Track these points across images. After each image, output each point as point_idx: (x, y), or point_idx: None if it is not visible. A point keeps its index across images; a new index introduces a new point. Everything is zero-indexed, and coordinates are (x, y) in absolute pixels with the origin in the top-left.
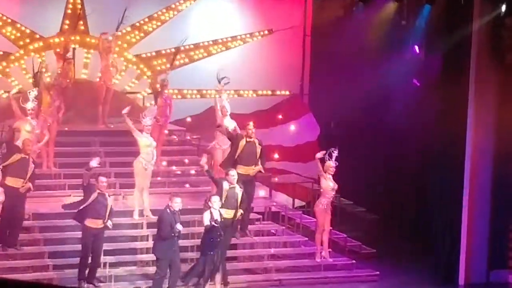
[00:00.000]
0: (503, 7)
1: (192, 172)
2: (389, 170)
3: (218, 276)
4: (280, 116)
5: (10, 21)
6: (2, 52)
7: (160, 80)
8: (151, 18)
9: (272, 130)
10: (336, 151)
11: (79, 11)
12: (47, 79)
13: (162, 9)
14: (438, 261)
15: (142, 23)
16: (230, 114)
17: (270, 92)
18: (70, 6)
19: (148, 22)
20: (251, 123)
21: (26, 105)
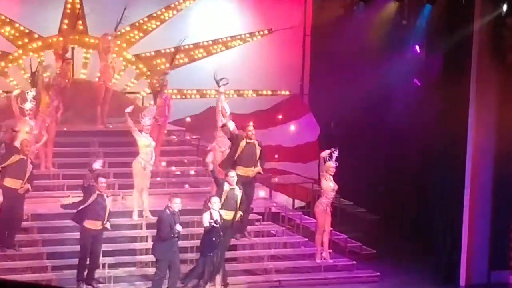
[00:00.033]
0: (504, 7)
1: (192, 172)
2: (389, 170)
3: (218, 277)
4: (280, 116)
5: (9, 20)
6: (1, 52)
7: (160, 80)
8: (150, 17)
9: (272, 130)
10: (337, 152)
11: (78, 10)
12: (46, 79)
13: (161, 8)
14: (439, 261)
15: (141, 22)
16: (230, 114)
17: (270, 92)
18: (69, 6)
19: (147, 22)
20: (251, 125)
21: (24, 105)
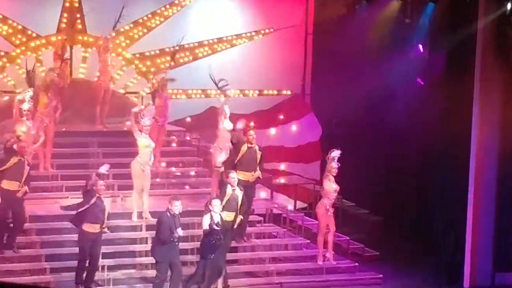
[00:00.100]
0: (508, 5)
1: (192, 173)
2: (392, 170)
3: (219, 280)
4: (282, 116)
5: (7, 19)
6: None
7: (160, 79)
8: (154, 14)
9: (273, 131)
10: (339, 152)
11: (77, 9)
12: (44, 79)
13: (166, 5)
14: (442, 263)
15: (145, 19)
16: (231, 115)
17: (275, 92)
18: (67, 5)
19: (151, 18)
20: (252, 130)
21: (22, 105)
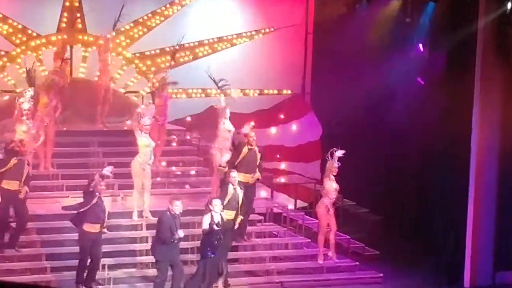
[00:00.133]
0: (509, 5)
1: (192, 172)
2: (393, 169)
3: (220, 279)
4: (282, 116)
5: (7, 18)
6: None
7: (160, 78)
8: (154, 13)
9: (273, 130)
10: (338, 151)
11: (77, 9)
12: (44, 78)
13: (166, 4)
14: (442, 262)
15: (145, 18)
16: (231, 114)
17: (271, 91)
18: (68, 4)
19: (151, 18)
20: (253, 132)
21: (22, 105)
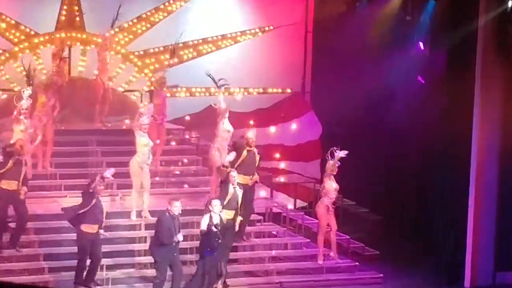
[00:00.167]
0: (509, 3)
1: (191, 172)
2: (393, 169)
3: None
4: (282, 115)
5: (4, 17)
6: None
7: (158, 77)
8: (157, 9)
9: (273, 129)
10: (338, 151)
11: (75, 7)
12: (43, 77)
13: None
14: (442, 262)
15: (149, 14)
16: (230, 113)
17: (270, 90)
18: (66, 2)
19: (154, 13)
20: (250, 131)
21: (20, 104)
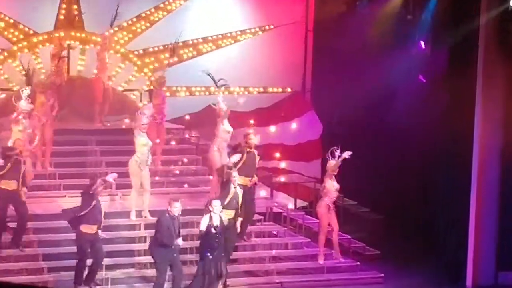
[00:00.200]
0: (511, 1)
1: (191, 171)
2: (393, 168)
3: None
4: (282, 114)
5: (3, 16)
6: None
7: (158, 77)
8: (157, 8)
9: (273, 128)
10: (339, 150)
11: (75, 6)
12: (42, 76)
13: None
14: (444, 262)
15: (148, 13)
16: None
17: (270, 89)
18: (65, 1)
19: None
20: (252, 133)
21: (18, 104)
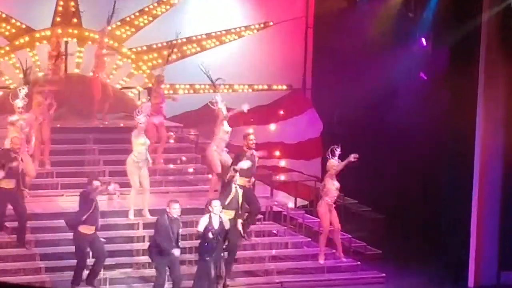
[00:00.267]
0: None
1: (190, 170)
2: (394, 167)
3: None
4: (282, 112)
5: (0, 13)
6: None
7: (157, 75)
8: (160, 2)
9: (273, 126)
10: (339, 149)
11: (72, 3)
12: (40, 73)
13: None
14: (446, 262)
15: (151, 7)
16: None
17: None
18: None
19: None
20: (252, 135)
21: (15, 102)
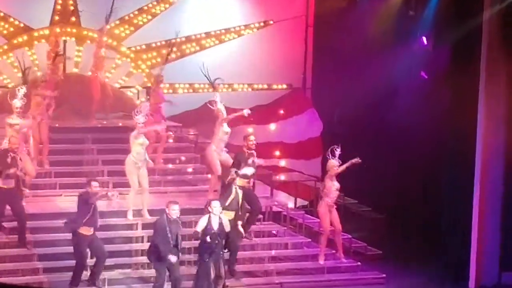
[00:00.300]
0: None
1: (189, 170)
2: (395, 167)
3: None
4: (282, 111)
5: None
6: None
7: (155, 75)
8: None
9: (273, 126)
10: (339, 149)
11: (71, 2)
12: (38, 73)
13: None
14: (446, 262)
15: (150, 6)
16: (229, 110)
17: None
18: None
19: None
20: (252, 136)
21: (13, 102)
